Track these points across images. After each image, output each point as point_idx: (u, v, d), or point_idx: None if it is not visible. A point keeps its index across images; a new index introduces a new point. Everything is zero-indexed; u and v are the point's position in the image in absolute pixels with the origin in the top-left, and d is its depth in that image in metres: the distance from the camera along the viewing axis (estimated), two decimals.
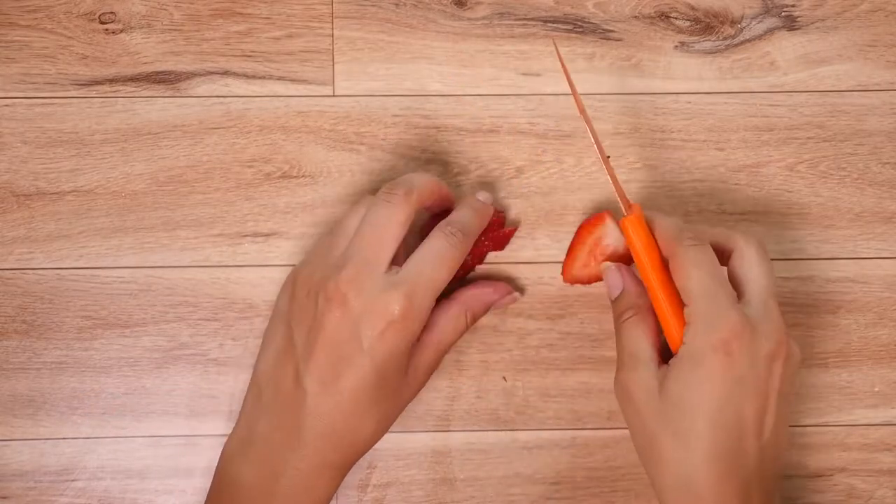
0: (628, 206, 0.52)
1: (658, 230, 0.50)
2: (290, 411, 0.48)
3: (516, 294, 0.56)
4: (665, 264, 0.50)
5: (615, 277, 0.52)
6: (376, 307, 0.47)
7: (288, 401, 0.49)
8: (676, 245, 0.49)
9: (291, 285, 0.51)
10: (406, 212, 0.49)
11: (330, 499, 0.50)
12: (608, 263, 0.53)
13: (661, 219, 0.51)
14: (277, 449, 0.49)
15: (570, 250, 0.55)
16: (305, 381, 0.48)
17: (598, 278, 0.55)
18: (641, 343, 0.50)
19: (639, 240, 0.51)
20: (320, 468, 0.49)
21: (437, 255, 0.49)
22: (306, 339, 0.48)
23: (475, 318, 0.54)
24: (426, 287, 0.48)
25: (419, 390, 0.52)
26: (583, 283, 0.56)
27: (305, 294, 0.49)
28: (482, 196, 0.54)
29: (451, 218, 0.52)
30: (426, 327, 0.51)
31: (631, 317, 0.51)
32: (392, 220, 0.49)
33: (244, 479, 0.49)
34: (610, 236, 0.54)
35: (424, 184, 0.51)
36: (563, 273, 0.56)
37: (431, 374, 0.52)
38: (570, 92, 0.51)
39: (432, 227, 0.51)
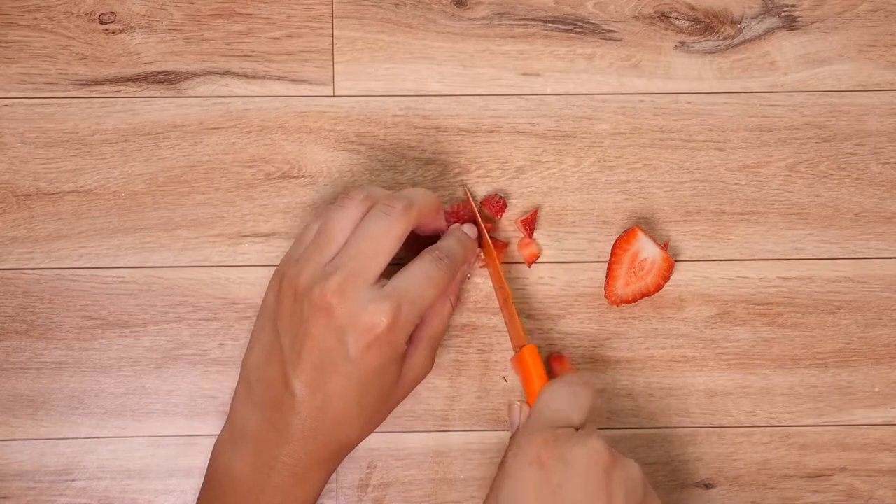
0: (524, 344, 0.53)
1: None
2: (279, 410, 0.49)
3: (478, 251, 0.56)
4: None
5: (515, 415, 0.53)
6: (362, 319, 0.47)
7: (277, 400, 0.49)
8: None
9: (278, 283, 0.50)
10: (403, 226, 0.49)
11: (320, 491, 0.51)
12: (512, 401, 0.53)
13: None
14: (268, 444, 0.49)
15: (610, 271, 0.56)
16: (293, 384, 0.48)
17: (644, 294, 0.56)
18: None
19: (535, 369, 0.52)
20: (309, 463, 0.49)
21: (426, 276, 0.49)
22: (293, 344, 0.48)
23: (458, 299, 0.55)
24: (412, 303, 0.48)
25: (414, 386, 0.52)
26: (628, 301, 0.56)
27: (292, 298, 0.49)
28: (468, 229, 0.54)
29: (440, 245, 0.52)
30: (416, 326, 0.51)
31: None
32: (389, 234, 0.49)
33: (236, 471, 0.49)
34: (645, 249, 0.55)
35: (425, 201, 0.51)
36: (606, 296, 0.56)
37: (429, 367, 0.52)
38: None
39: (417, 247, 0.52)
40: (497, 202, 0.57)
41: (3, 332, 0.57)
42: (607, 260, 0.57)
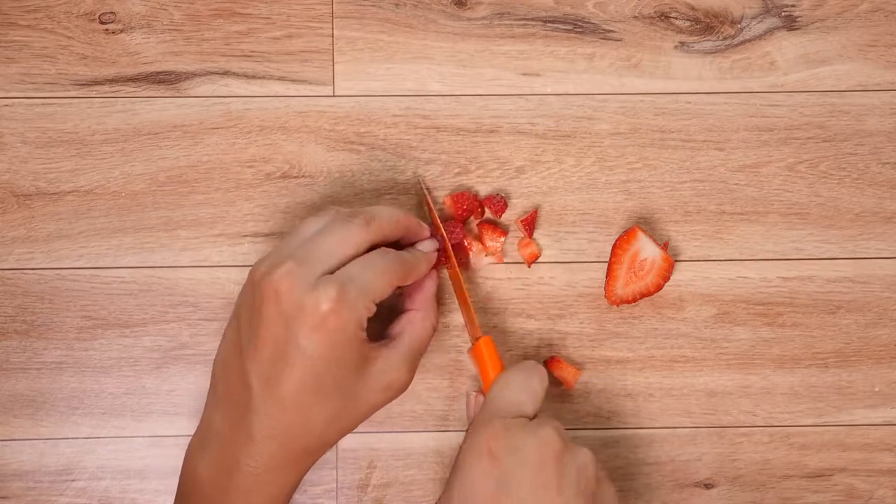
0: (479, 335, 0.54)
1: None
2: (239, 409, 0.48)
3: (436, 243, 0.55)
4: None
5: (470, 406, 0.53)
6: (306, 304, 0.47)
7: (237, 398, 0.48)
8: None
9: (246, 279, 0.51)
10: (361, 236, 0.49)
11: (288, 495, 0.50)
12: (469, 392, 0.54)
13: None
14: (230, 445, 0.48)
15: (610, 271, 0.56)
16: (250, 378, 0.48)
17: (644, 294, 0.56)
18: None
19: (490, 360, 0.53)
20: (271, 466, 0.48)
21: (372, 263, 0.49)
22: (250, 337, 0.48)
23: (436, 314, 0.54)
24: (359, 288, 0.48)
25: (389, 396, 0.51)
26: (628, 301, 0.56)
27: (251, 289, 0.49)
28: (427, 245, 0.54)
29: (397, 251, 0.52)
30: (393, 334, 0.51)
31: None
32: (345, 238, 0.49)
33: (201, 474, 0.49)
34: (645, 249, 0.55)
35: (387, 216, 0.51)
36: (606, 296, 0.56)
37: (404, 380, 0.51)
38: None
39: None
40: (498, 202, 0.57)
41: (3, 332, 0.57)
42: (607, 260, 0.57)
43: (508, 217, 0.58)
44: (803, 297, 0.58)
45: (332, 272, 0.48)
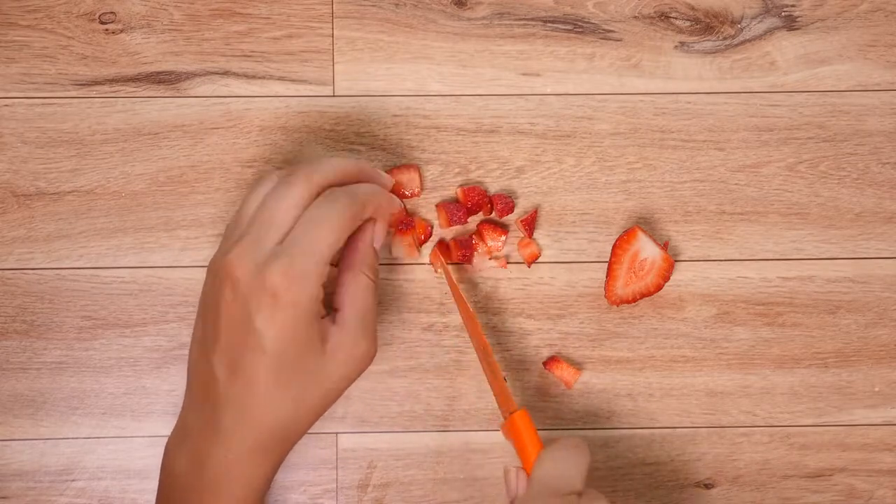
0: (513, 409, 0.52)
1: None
2: (208, 400, 0.48)
3: (387, 177, 0.54)
4: None
5: (512, 482, 0.51)
6: (258, 282, 0.46)
7: (205, 389, 0.48)
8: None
9: (206, 273, 0.50)
10: (305, 195, 0.48)
11: (263, 486, 0.49)
12: (508, 466, 0.51)
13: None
14: (202, 438, 0.48)
15: (610, 271, 0.56)
16: (216, 368, 0.47)
17: (644, 294, 0.56)
18: None
19: (528, 435, 0.51)
20: (242, 455, 0.47)
21: (316, 218, 0.48)
22: (211, 328, 0.48)
23: (372, 269, 0.51)
24: (306, 251, 0.47)
25: (355, 367, 0.49)
26: (628, 301, 0.56)
27: (210, 280, 0.49)
28: (385, 178, 0.53)
29: (343, 187, 0.50)
30: (337, 306, 0.50)
31: None
32: (289, 202, 0.48)
33: (177, 469, 0.49)
34: (645, 249, 0.55)
35: (330, 166, 0.50)
36: (606, 296, 0.56)
37: (366, 347, 0.49)
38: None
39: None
40: (506, 203, 0.57)
41: (3, 332, 0.57)
42: (607, 260, 0.57)
43: (508, 217, 0.58)
44: (803, 297, 0.58)
45: (283, 241, 0.47)
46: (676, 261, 0.58)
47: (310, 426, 0.49)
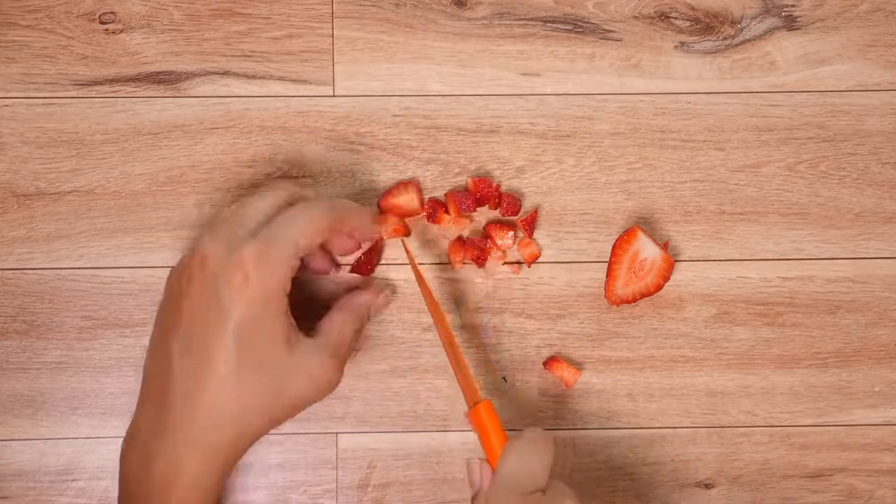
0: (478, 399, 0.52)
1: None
2: (159, 397, 0.48)
3: (388, 293, 0.56)
4: None
5: (475, 475, 0.50)
6: (231, 261, 0.46)
7: (157, 386, 0.48)
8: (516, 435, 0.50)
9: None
10: (285, 195, 0.50)
11: (214, 488, 0.48)
12: (470, 459, 0.51)
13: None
14: (149, 435, 0.48)
15: (610, 271, 0.56)
16: (172, 357, 0.47)
17: (644, 294, 0.56)
18: None
19: (492, 426, 0.51)
20: (190, 452, 0.47)
21: (294, 215, 0.48)
22: (173, 313, 0.48)
23: (360, 321, 0.53)
24: (280, 240, 0.47)
25: (314, 390, 0.49)
26: (628, 301, 0.56)
27: (177, 267, 0.49)
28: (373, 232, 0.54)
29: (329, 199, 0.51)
30: (317, 329, 0.50)
31: None
32: (267, 200, 0.49)
33: (127, 470, 0.49)
34: (645, 249, 0.55)
35: (351, 206, 0.51)
36: (606, 296, 0.56)
37: (329, 375, 0.49)
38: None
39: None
40: (513, 202, 0.57)
41: (3, 332, 0.57)
42: (607, 260, 0.57)
43: (511, 217, 0.58)
44: (803, 297, 0.58)
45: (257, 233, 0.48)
46: (676, 261, 0.58)
47: (261, 434, 0.49)
